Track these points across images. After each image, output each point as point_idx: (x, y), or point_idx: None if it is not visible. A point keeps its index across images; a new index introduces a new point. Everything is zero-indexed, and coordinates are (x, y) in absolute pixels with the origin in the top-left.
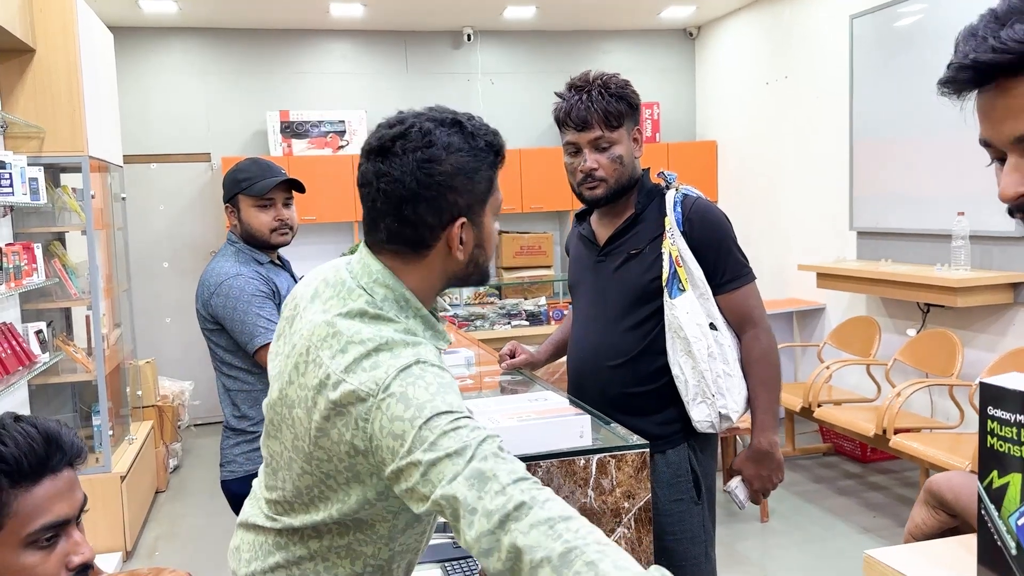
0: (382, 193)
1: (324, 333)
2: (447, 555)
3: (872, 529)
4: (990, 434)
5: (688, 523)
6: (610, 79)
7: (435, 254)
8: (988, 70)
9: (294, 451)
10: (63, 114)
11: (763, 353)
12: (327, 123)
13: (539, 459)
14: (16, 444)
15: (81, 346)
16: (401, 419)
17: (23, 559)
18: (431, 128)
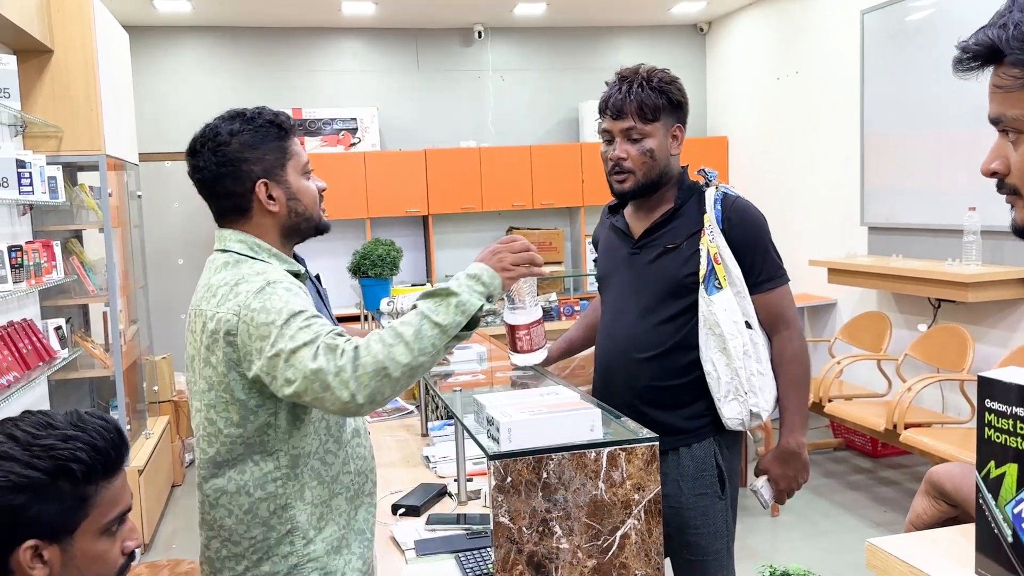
0: (198, 183)
1: (203, 294)
2: (461, 546)
3: (882, 524)
4: (987, 426)
5: (711, 517)
6: (655, 73)
7: (256, 213)
8: (975, 55)
9: (204, 408)
10: (80, 114)
11: (795, 354)
12: (339, 121)
13: (550, 452)
14: (103, 438)
15: (99, 342)
16: (265, 324)
17: (98, 546)
18: (216, 124)
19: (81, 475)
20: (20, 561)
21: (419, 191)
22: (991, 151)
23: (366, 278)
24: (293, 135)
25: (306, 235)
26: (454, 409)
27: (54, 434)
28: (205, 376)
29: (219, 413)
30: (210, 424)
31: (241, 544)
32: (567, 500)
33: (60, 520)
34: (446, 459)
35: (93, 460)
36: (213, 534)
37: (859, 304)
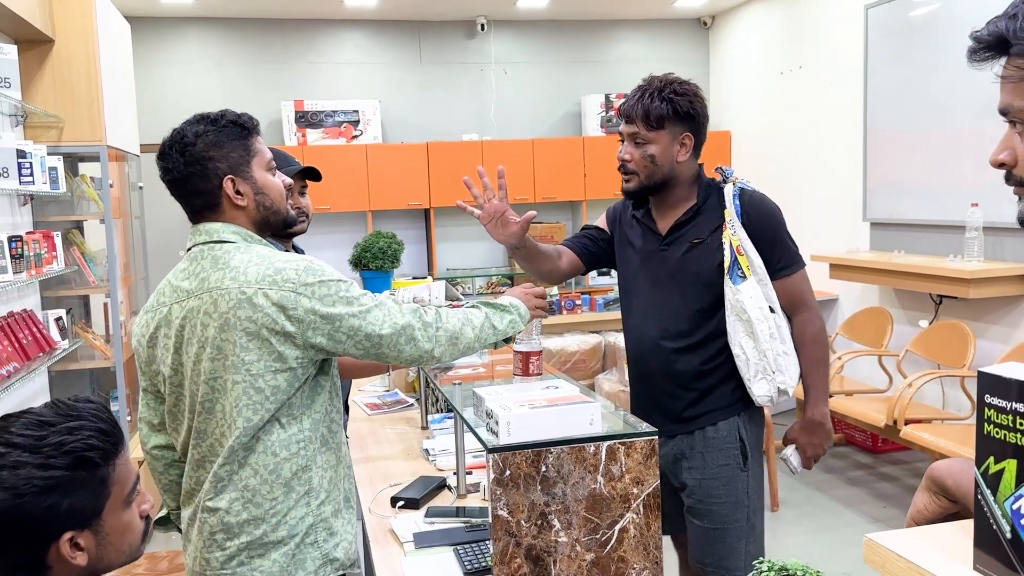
0: (169, 184)
1: (220, 274)
2: (460, 539)
3: (882, 519)
4: (987, 421)
5: (732, 487)
6: (670, 83)
7: (227, 208)
8: (986, 45)
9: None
10: (81, 104)
11: (815, 334)
12: (341, 113)
13: (550, 445)
14: (101, 418)
15: (99, 333)
16: (332, 295)
17: (124, 518)
18: (183, 127)
19: (100, 459)
20: (62, 554)
21: (421, 184)
22: (1000, 142)
23: (367, 270)
24: (256, 134)
25: (276, 229)
26: (454, 402)
27: (56, 430)
28: (251, 347)
29: (267, 382)
30: (256, 392)
31: (263, 506)
32: (566, 494)
33: (89, 507)
34: (446, 452)
35: (104, 442)
36: (237, 496)
37: (861, 300)
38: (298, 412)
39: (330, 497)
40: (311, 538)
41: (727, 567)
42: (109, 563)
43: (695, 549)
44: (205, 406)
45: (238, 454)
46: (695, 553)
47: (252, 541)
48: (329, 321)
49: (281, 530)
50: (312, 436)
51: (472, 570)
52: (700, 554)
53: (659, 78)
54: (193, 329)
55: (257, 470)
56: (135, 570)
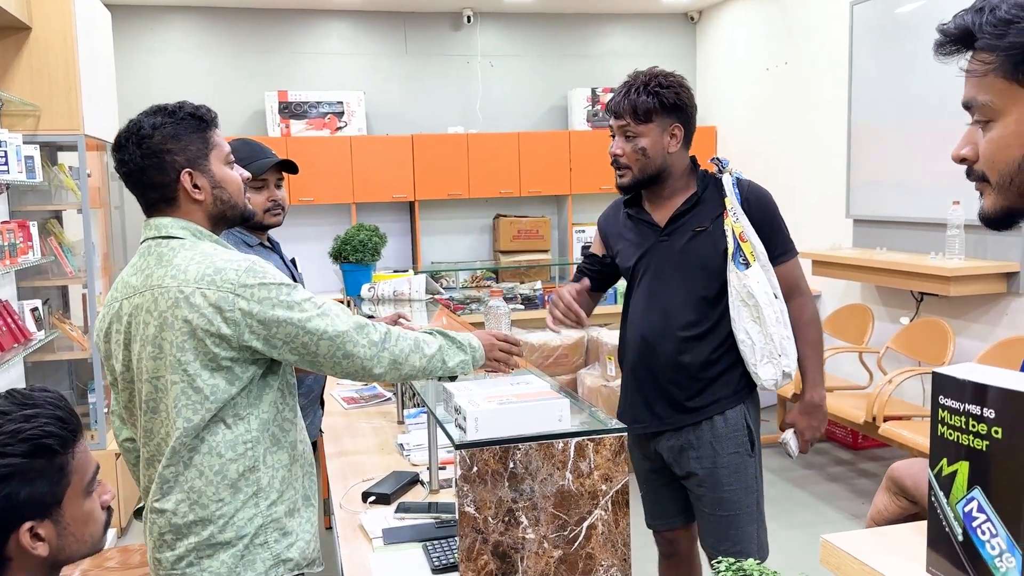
0: (125, 176)
1: (162, 273)
2: (429, 535)
3: (860, 516)
4: (940, 423)
5: (743, 474)
6: (655, 77)
7: (183, 202)
8: (953, 39)
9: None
10: (59, 92)
11: (811, 318)
12: (325, 104)
13: (518, 442)
14: (58, 407)
15: (77, 324)
16: (270, 298)
17: (84, 507)
18: (140, 119)
19: (58, 446)
20: (22, 545)
21: (406, 177)
22: (962, 137)
23: (347, 263)
24: (214, 127)
25: (232, 223)
26: (426, 398)
27: (11, 418)
28: (188, 347)
29: (205, 381)
30: (195, 392)
31: (209, 508)
32: (534, 490)
33: (48, 496)
34: (420, 447)
35: (62, 430)
36: (183, 497)
37: (843, 296)
38: (244, 412)
39: (283, 497)
40: (261, 539)
41: (744, 551)
42: (70, 554)
43: (709, 537)
44: (150, 405)
45: (181, 455)
46: (710, 541)
47: (200, 542)
48: (266, 325)
49: (229, 531)
50: (260, 436)
51: (440, 567)
52: (715, 541)
53: (644, 72)
54: (138, 327)
55: (202, 471)
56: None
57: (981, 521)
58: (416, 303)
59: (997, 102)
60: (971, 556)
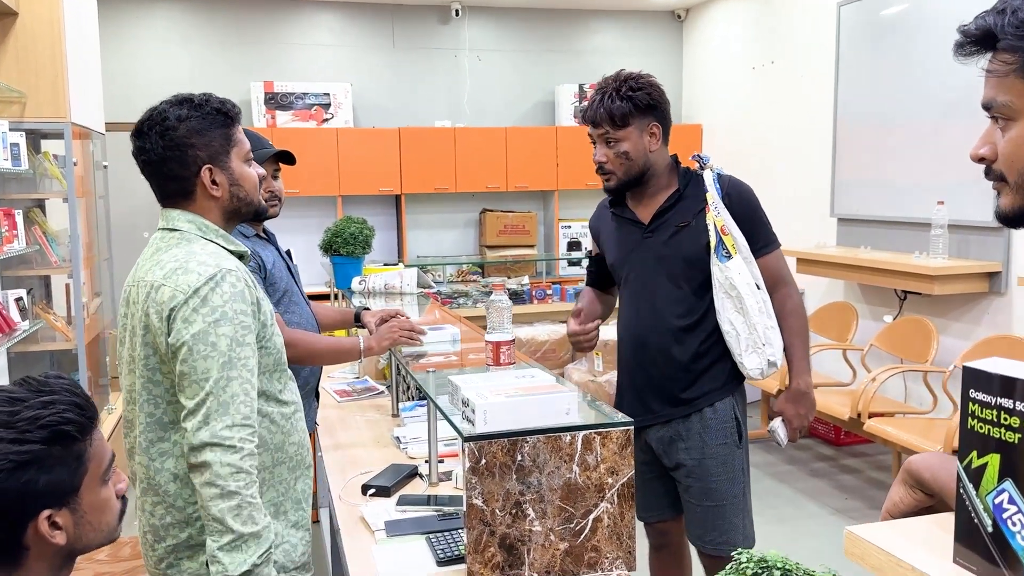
0: (144, 164)
1: (149, 267)
2: (432, 527)
3: (844, 511)
4: (971, 416)
5: (731, 464)
6: (625, 81)
7: (200, 196)
8: (974, 39)
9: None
10: (45, 79)
11: (795, 307)
12: (312, 95)
13: (526, 435)
14: (74, 393)
15: (61, 314)
16: (199, 347)
17: (101, 495)
18: (165, 108)
19: (77, 433)
20: (40, 533)
21: (392, 170)
22: (981, 137)
23: (337, 256)
24: (238, 123)
25: (245, 218)
26: (427, 390)
27: (29, 405)
28: (147, 342)
29: (164, 375)
30: (155, 387)
31: (185, 510)
32: (541, 483)
33: (66, 483)
34: (417, 440)
35: (80, 416)
36: (158, 500)
37: (827, 294)
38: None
39: (264, 499)
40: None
41: (730, 541)
42: (87, 543)
43: (696, 528)
44: (131, 395)
45: (150, 452)
46: (696, 532)
47: (178, 544)
48: (178, 343)
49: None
50: None
51: (445, 559)
52: (702, 532)
53: (612, 78)
54: (131, 316)
55: (176, 474)
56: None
57: (1012, 513)
58: (407, 296)
59: (1017, 102)
60: (1001, 547)
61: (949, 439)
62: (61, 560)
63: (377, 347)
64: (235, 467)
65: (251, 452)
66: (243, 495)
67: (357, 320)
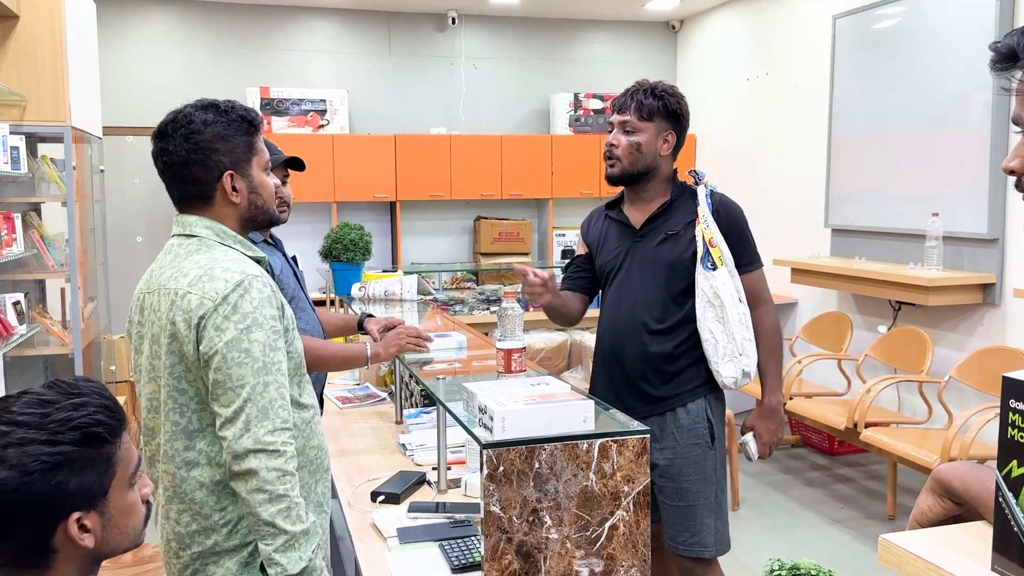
0: (165, 165)
1: (170, 274)
2: (445, 534)
3: (839, 520)
4: (1011, 426)
5: (702, 465)
6: (661, 86)
7: (219, 202)
8: (1000, 57)
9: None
10: (46, 83)
11: (771, 326)
12: (308, 101)
13: (543, 442)
14: (103, 395)
15: (56, 319)
16: (235, 354)
17: (128, 499)
18: (191, 112)
19: (108, 435)
20: (69, 535)
21: (387, 176)
22: (1013, 150)
23: (337, 262)
24: (260, 132)
25: (260, 227)
26: (438, 396)
27: (60, 407)
28: (173, 350)
29: (190, 383)
30: (180, 395)
31: (212, 517)
32: (558, 490)
33: (96, 486)
34: (423, 447)
35: (110, 418)
36: (184, 507)
37: (821, 304)
38: None
39: None
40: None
41: (700, 542)
42: (114, 547)
43: (669, 529)
44: (152, 404)
45: (175, 460)
46: (670, 533)
47: (204, 551)
48: (211, 351)
49: (234, 538)
50: None
51: (459, 566)
52: (675, 533)
53: (650, 81)
54: (148, 324)
55: (202, 483)
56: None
57: None
58: (407, 303)
59: None
60: None
61: (945, 449)
62: (88, 564)
63: (384, 353)
64: (281, 470)
65: (292, 454)
66: (291, 497)
67: (360, 327)
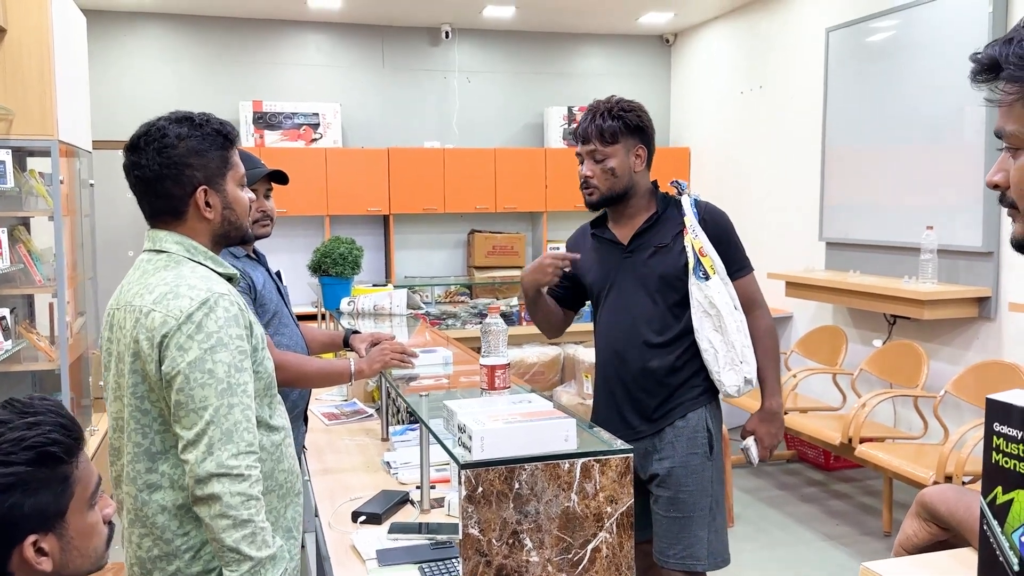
0: (137, 179)
1: (136, 290)
2: (425, 556)
3: (835, 536)
4: (995, 450)
5: (699, 476)
6: (617, 104)
7: (191, 217)
8: (981, 67)
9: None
10: (33, 96)
11: (767, 330)
12: (301, 115)
13: (523, 462)
14: (60, 414)
15: (44, 334)
16: (197, 367)
17: (88, 520)
18: (164, 124)
19: (63, 454)
20: (25, 559)
21: (381, 190)
22: (996, 164)
23: (326, 276)
24: (235, 146)
25: (232, 243)
26: (420, 414)
27: (13, 426)
28: (136, 369)
29: (153, 404)
30: (143, 415)
31: (174, 542)
32: (539, 512)
33: (52, 507)
34: (407, 465)
35: (66, 437)
36: (146, 532)
37: (815, 318)
38: None
39: None
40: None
41: (693, 555)
42: (74, 570)
43: (660, 542)
44: (118, 423)
45: (137, 482)
46: (660, 547)
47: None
48: (173, 371)
49: (197, 564)
50: None
51: None
52: (665, 546)
53: (605, 100)
54: (116, 341)
55: (164, 506)
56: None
57: None
58: (397, 317)
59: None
60: None
61: (941, 465)
62: None
63: (368, 370)
64: (245, 495)
65: (258, 478)
66: (255, 522)
67: (346, 343)
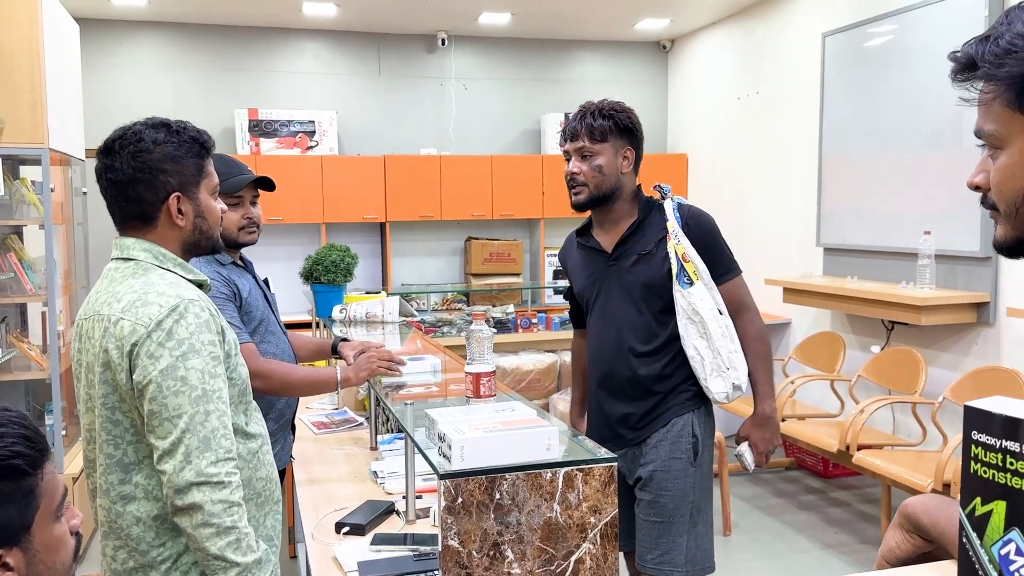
0: (109, 183)
1: (105, 299)
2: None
3: (833, 545)
4: (974, 459)
5: (680, 481)
6: (607, 104)
7: (162, 224)
8: (960, 66)
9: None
10: (24, 105)
11: (757, 333)
12: (296, 123)
13: (504, 471)
14: (23, 426)
15: (36, 343)
16: (168, 374)
17: (55, 532)
18: (141, 129)
19: (28, 467)
20: None
21: (377, 197)
22: (977, 165)
23: (318, 284)
24: (211, 156)
25: (203, 252)
26: (404, 423)
27: None
28: (106, 379)
29: (125, 414)
30: (115, 426)
31: (149, 554)
32: (520, 522)
33: (17, 521)
34: (395, 475)
35: (30, 449)
36: (120, 544)
37: (813, 324)
38: None
39: None
40: None
41: (670, 561)
42: None
43: (640, 548)
44: (91, 434)
45: (110, 494)
46: (640, 552)
47: None
48: (145, 380)
49: (173, 575)
50: None
51: None
52: (644, 550)
53: (596, 102)
54: (85, 352)
55: (139, 517)
56: None
57: (1020, 565)
58: (389, 325)
59: (1002, 131)
60: None
61: (939, 472)
62: None
63: (355, 378)
64: (227, 502)
65: (238, 484)
66: (239, 528)
67: (334, 351)
